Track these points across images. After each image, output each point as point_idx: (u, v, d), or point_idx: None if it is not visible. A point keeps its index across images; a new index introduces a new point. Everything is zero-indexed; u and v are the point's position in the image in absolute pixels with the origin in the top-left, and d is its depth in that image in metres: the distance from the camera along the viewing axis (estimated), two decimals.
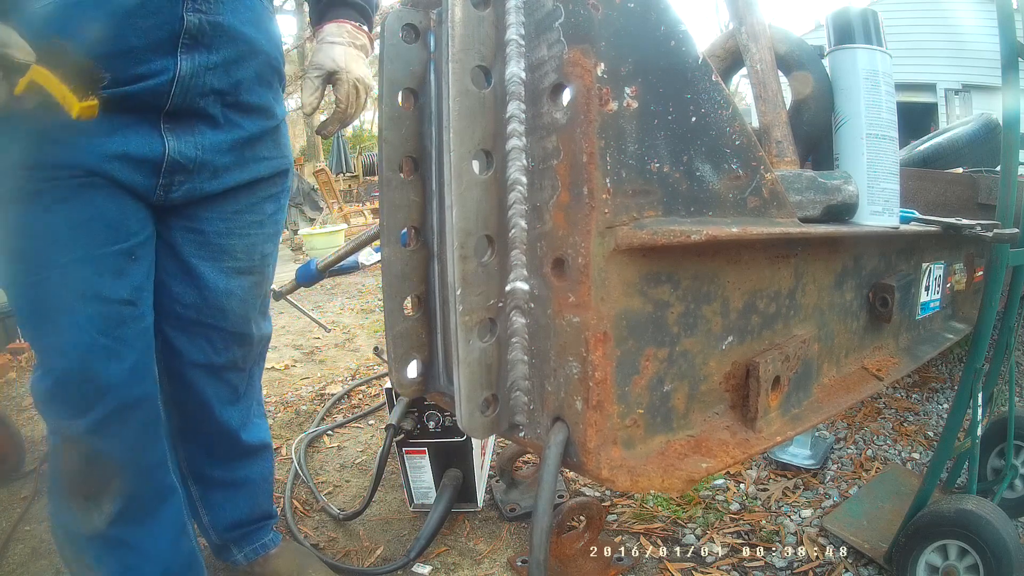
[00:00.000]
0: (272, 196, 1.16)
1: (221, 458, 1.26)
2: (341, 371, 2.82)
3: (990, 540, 1.07)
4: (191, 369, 1.15)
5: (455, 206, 0.50)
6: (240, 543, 1.31)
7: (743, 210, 0.57)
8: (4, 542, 1.52)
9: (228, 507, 1.29)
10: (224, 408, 1.22)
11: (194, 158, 0.99)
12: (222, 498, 1.28)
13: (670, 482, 0.53)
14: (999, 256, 1.09)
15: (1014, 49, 1.05)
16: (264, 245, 1.16)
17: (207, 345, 1.14)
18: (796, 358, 0.66)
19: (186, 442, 1.24)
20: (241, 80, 1.00)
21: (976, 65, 8.16)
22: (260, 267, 1.17)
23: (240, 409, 1.25)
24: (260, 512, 1.33)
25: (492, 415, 0.55)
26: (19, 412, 2.43)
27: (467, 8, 0.49)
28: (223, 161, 1.03)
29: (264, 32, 1.02)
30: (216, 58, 0.95)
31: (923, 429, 2.00)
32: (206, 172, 1.02)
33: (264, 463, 1.34)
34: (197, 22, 0.91)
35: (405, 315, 0.65)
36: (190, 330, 1.12)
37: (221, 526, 1.30)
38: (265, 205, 1.15)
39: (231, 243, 1.10)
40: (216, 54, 0.95)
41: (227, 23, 0.95)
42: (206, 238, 1.08)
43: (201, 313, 1.11)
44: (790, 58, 0.85)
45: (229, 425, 1.23)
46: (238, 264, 1.12)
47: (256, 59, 1.01)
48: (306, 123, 14.12)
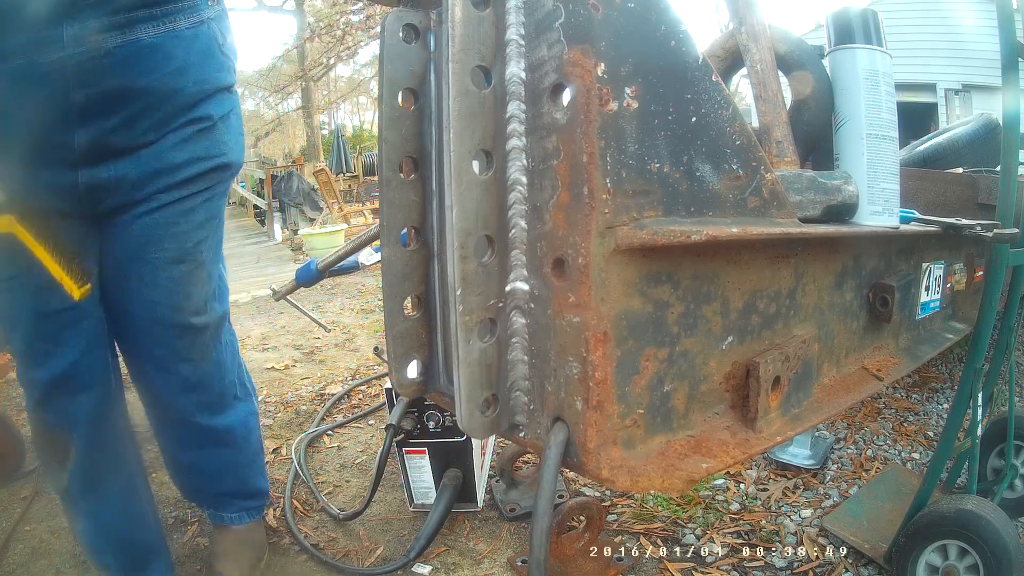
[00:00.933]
0: (205, 190, 1.17)
1: (184, 443, 1.34)
2: (341, 371, 2.82)
3: (990, 540, 1.07)
4: (139, 361, 1.22)
5: (455, 206, 0.50)
6: (208, 503, 1.44)
7: (743, 210, 0.57)
8: (4, 542, 1.53)
9: (195, 482, 1.42)
10: (176, 396, 1.25)
11: (109, 178, 1.04)
12: (190, 476, 1.41)
13: (670, 482, 0.53)
14: (999, 256, 1.09)
15: (1014, 49, 1.05)
16: (195, 232, 1.17)
17: (146, 339, 1.19)
18: (796, 358, 0.66)
19: (154, 424, 1.33)
20: (152, 124, 1.03)
21: (976, 65, 8.15)
22: (193, 254, 1.17)
23: (195, 397, 1.27)
24: (227, 490, 1.41)
25: (492, 415, 0.55)
26: (19, 412, 2.42)
27: (467, 8, 0.49)
28: (144, 173, 1.07)
29: (171, 72, 1.02)
30: (115, 121, 0.98)
31: (923, 429, 2.00)
32: (125, 186, 1.06)
33: (234, 447, 1.37)
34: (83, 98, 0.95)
35: (405, 315, 0.65)
36: (132, 324, 1.18)
37: (189, 491, 1.47)
38: (197, 198, 1.16)
39: (157, 234, 1.12)
40: (114, 118, 0.98)
41: (117, 86, 0.97)
42: (129, 235, 1.11)
43: (136, 307, 1.16)
44: (790, 58, 0.85)
45: (184, 412, 1.27)
46: (167, 254, 1.14)
47: (166, 102, 1.04)
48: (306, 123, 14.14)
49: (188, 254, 1.16)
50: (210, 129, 1.12)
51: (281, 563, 1.44)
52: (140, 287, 1.14)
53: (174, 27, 1.01)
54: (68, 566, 1.45)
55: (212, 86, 1.11)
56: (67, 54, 0.91)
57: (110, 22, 0.92)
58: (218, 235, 1.25)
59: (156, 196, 1.10)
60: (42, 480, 1.80)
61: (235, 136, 1.20)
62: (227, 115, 1.16)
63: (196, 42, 1.06)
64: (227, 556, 1.37)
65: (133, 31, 0.95)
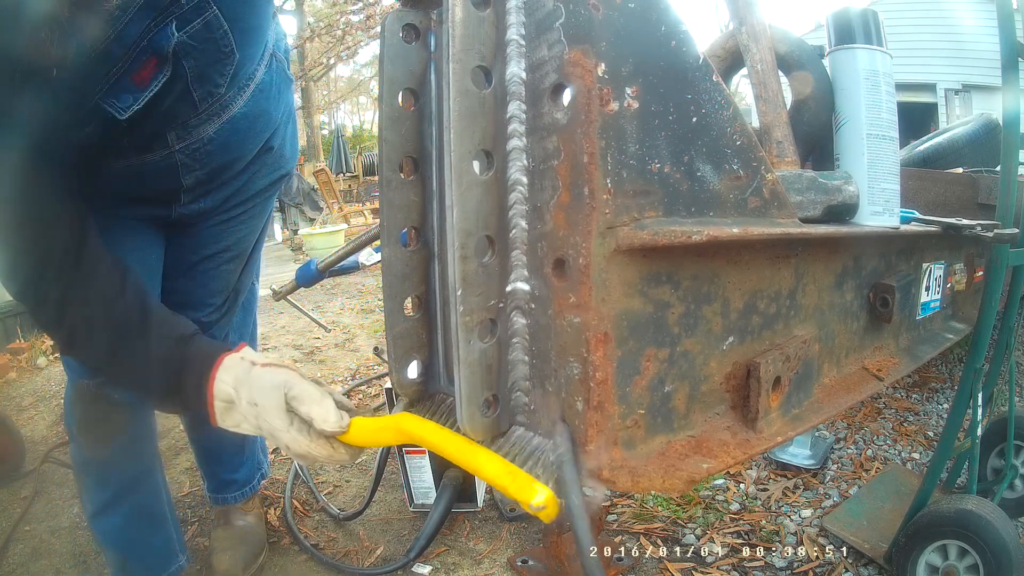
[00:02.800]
0: (268, 197, 1.28)
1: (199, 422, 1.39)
2: (341, 371, 2.82)
3: (990, 540, 1.07)
4: None
5: (455, 206, 0.50)
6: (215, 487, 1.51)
7: (744, 210, 0.57)
8: (4, 542, 1.52)
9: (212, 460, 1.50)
10: None
11: (196, 209, 1.13)
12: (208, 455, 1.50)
13: (671, 482, 0.53)
14: (999, 256, 1.09)
15: (1014, 49, 1.04)
16: (253, 235, 1.29)
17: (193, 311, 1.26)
18: (796, 358, 0.66)
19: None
20: (240, 172, 1.13)
21: (976, 65, 8.15)
22: (246, 251, 1.30)
23: None
24: (232, 471, 1.50)
25: (493, 415, 0.55)
26: (19, 412, 2.42)
27: (467, 8, 0.49)
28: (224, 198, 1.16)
29: (260, 131, 1.09)
30: (217, 183, 1.10)
31: (923, 429, 2.00)
32: (207, 211, 1.15)
33: None
34: (194, 180, 1.05)
35: (405, 315, 0.65)
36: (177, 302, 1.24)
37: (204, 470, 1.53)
38: (261, 205, 1.26)
39: (223, 237, 1.22)
40: (216, 181, 1.09)
41: (220, 162, 1.05)
42: (197, 237, 1.20)
43: (186, 288, 1.24)
44: (790, 58, 0.85)
45: None
46: (229, 254, 1.25)
47: (256, 156, 1.12)
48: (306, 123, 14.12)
49: (243, 254, 1.29)
50: (270, 151, 1.19)
51: (281, 563, 1.44)
52: (197, 277, 1.23)
53: (258, 88, 1.05)
54: (68, 566, 1.45)
55: (285, 113, 1.17)
56: (175, 149, 0.98)
57: (207, 115, 0.98)
58: (263, 235, 1.37)
59: (227, 211, 1.19)
60: (42, 480, 1.80)
61: (293, 148, 1.27)
62: (290, 127, 1.23)
63: (271, 86, 1.10)
64: (226, 551, 1.38)
65: (226, 111, 1.00)
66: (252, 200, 1.22)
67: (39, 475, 1.83)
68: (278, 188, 1.30)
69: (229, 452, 1.50)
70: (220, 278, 1.27)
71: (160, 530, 1.25)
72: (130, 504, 1.19)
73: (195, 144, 1.00)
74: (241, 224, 1.23)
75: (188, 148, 0.99)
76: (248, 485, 1.53)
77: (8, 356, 2.92)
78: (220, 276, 1.27)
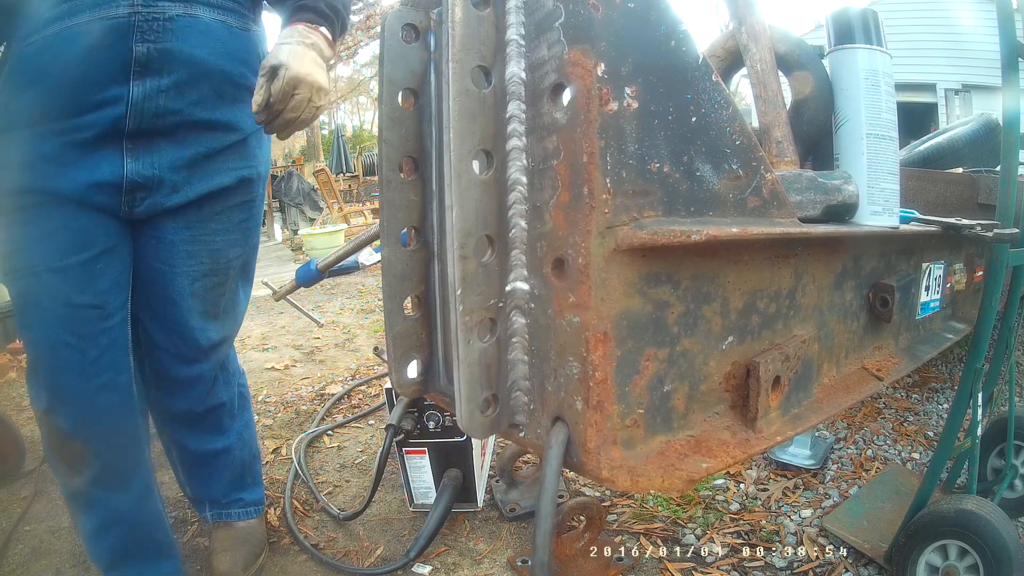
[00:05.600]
0: (240, 205, 1.25)
1: (200, 431, 1.38)
2: (341, 371, 2.82)
3: (990, 540, 1.07)
4: (156, 363, 1.29)
5: (455, 206, 0.50)
6: (212, 505, 1.46)
7: (743, 210, 0.57)
8: (4, 542, 1.52)
9: (201, 476, 1.44)
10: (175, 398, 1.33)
11: (151, 176, 1.11)
12: (199, 470, 1.44)
13: (670, 482, 0.53)
14: (999, 256, 1.09)
15: (1014, 49, 1.05)
16: (230, 251, 1.26)
17: (164, 343, 1.26)
18: (796, 358, 0.66)
19: (168, 417, 1.38)
20: (196, 100, 1.10)
21: (976, 65, 8.15)
22: (224, 270, 1.26)
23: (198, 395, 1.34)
24: (230, 486, 1.45)
25: (492, 415, 0.55)
26: (19, 412, 2.42)
27: (467, 8, 0.49)
28: (181, 176, 1.14)
29: (220, 53, 1.11)
30: (167, 81, 1.06)
31: (923, 429, 2.00)
32: (165, 188, 1.13)
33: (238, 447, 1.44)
34: (145, 51, 1.03)
35: (405, 315, 0.65)
36: (158, 324, 1.25)
37: (194, 487, 1.47)
38: (232, 213, 1.24)
39: (195, 249, 1.20)
40: (167, 78, 1.06)
41: (175, 48, 1.05)
42: (172, 246, 1.19)
43: (162, 312, 1.23)
44: (790, 58, 0.85)
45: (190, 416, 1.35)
46: (203, 267, 1.22)
47: (210, 79, 1.11)
48: None
49: (220, 271, 1.25)
50: (244, 142, 1.21)
51: (281, 563, 1.44)
52: (171, 296, 1.21)
53: (226, 21, 1.12)
54: (68, 566, 1.45)
55: (250, 86, 1.16)
56: (134, 11, 1.01)
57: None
58: (248, 255, 1.32)
59: (191, 209, 1.17)
60: (42, 480, 1.80)
61: (264, 151, 1.28)
62: (258, 131, 1.23)
63: (242, 41, 1.16)
64: (226, 551, 1.38)
65: (193, 9, 1.06)
66: (216, 199, 1.19)
67: (39, 475, 1.83)
68: (249, 199, 1.26)
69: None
70: (194, 297, 1.23)
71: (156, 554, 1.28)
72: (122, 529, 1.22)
73: (156, 12, 1.02)
74: (215, 235, 1.21)
75: (148, 14, 1.02)
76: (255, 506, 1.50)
77: (8, 356, 2.92)
78: (195, 294, 1.23)
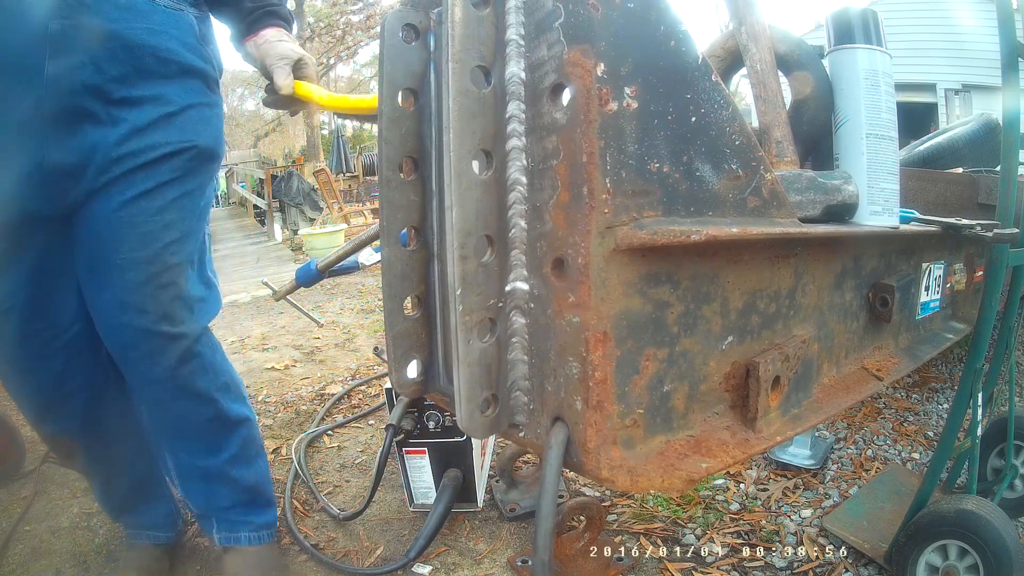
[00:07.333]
0: (173, 181, 1.12)
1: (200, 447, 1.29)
2: (341, 371, 2.82)
3: (990, 540, 1.07)
4: (123, 365, 1.20)
5: (455, 206, 0.50)
6: (217, 524, 1.35)
7: (743, 210, 0.57)
8: (4, 542, 1.52)
9: (201, 494, 1.35)
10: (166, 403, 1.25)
11: (77, 163, 1.04)
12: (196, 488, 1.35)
13: (670, 482, 0.53)
14: (999, 256, 1.09)
15: (1014, 49, 1.04)
16: (164, 233, 1.11)
17: (116, 342, 1.15)
18: (796, 358, 0.66)
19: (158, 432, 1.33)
20: (117, 76, 1.05)
21: (976, 65, 8.15)
22: (162, 256, 1.11)
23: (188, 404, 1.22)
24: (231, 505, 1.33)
25: (492, 415, 0.55)
26: (19, 412, 2.42)
27: (467, 8, 0.49)
28: (109, 156, 1.06)
29: (142, 28, 1.06)
30: (83, 57, 1.01)
31: (923, 429, 2.00)
32: (90, 170, 1.06)
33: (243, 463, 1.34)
34: (60, 28, 0.98)
35: (405, 315, 0.65)
36: (102, 327, 1.16)
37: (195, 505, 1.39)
38: (165, 191, 1.11)
39: (123, 233, 1.08)
40: (83, 54, 1.01)
41: (91, 24, 1.01)
42: (96, 236, 1.09)
43: (103, 308, 1.13)
44: (790, 58, 0.85)
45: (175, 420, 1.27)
46: (133, 255, 1.09)
47: (131, 54, 1.05)
48: (306, 123, 14.11)
49: (156, 256, 1.11)
50: (175, 115, 1.11)
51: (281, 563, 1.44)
52: (106, 287, 1.11)
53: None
54: (68, 566, 1.45)
55: (181, 61, 1.11)
56: None
57: None
58: (192, 242, 1.18)
59: (120, 184, 1.07)
60: (42, 480, 1.80)
61: (205, 124, 1.16)
62: (196, 105, 1.14)
63: (172, 18, 1.10)
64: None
65: None
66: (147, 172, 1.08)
67: (39, 475, 1.83)
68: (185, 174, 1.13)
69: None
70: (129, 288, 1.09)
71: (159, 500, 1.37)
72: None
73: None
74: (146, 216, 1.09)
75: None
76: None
77: None
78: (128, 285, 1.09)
